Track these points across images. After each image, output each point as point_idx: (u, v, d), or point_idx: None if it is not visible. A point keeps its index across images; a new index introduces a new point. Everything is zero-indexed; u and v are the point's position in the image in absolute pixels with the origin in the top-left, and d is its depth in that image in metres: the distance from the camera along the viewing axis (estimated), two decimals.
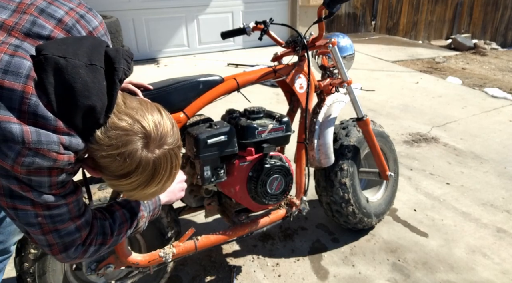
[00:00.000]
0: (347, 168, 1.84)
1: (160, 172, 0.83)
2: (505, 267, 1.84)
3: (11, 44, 0.74)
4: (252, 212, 1.64)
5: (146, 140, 0.79)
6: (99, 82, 0.77)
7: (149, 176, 0.82)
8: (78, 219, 0.87)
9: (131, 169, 0.79)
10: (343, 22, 7.54)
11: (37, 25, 0.79)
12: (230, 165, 1.48)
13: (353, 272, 1.81)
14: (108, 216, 1.00)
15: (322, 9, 1.59)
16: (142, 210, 1.08)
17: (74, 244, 0.88)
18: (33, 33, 0.78)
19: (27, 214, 0.80)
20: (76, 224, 0.87)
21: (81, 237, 0.89)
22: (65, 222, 0.85)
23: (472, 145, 3.15)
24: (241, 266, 1.84)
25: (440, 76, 5.16)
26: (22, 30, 0.77)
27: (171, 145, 0.83)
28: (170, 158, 0.84)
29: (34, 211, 0.80)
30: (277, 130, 1.53)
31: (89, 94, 0.75)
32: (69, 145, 0.76)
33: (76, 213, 0.87)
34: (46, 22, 0.80)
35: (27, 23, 0.78)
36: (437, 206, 2.34)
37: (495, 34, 9.43)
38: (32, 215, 0.80)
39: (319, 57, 1.88)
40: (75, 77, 0.74)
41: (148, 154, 0.80)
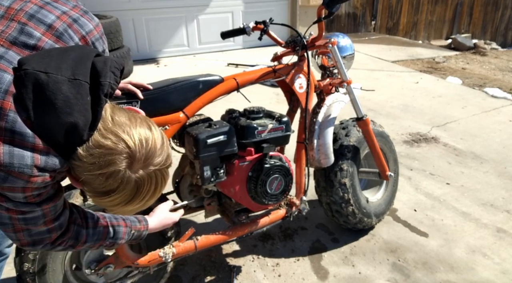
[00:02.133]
0: (347, 168, 1.83)
1: (143, 192, 0.81)
2: (505, 267, 1.84)
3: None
4: (252, 212, 1.64)
5: (130, 161, 0.77)
6: (83, 97, 0.73)
7: (131, 195, 0.80)
8: (51, 223, 0.86)
9: (112, 188, 0.78)
10: (343, 22, 7.54)
11: (25, 33, 0.77)
12: (230, 165, 1.48)
13: (353, 272, 1.81)
14: (91, 225, 0.99)
15: (321, 9, 1.59)
16: (125, 237, 1.09)
17: (43, 242, 0.88)
18: (20, 42, 0.76)
19: (1, 215, 0.79)
20: (48, 227, 0.86)
21: (51, 238, 0.89)
22: (38, 224, 0.84)
23: (472, 145, 3.15)
24: (241, 266, 1.84)
25: (440, 76, 5.16)
26: (8, 38, 0.75)
27: (157, 165, 0.81)
28: (156, 178, 0.82)
29: (8, 215, 0.79)
30: (277, 130, 1.53)
31: (70, 111, 0.71)
32: (45, 166, 0.74)
33: (51, 217, 0.86)
34: (35, 28, 0.78)
35: (14, 31, 0.76)
36: (437, 206, 2.34)
37: (495, 34, 9.43)
38: (6, 217, 0.79)
39: (319, 57, 1.88)
40: (56, 93, 0.70)
41: (131, 175, 0.78)
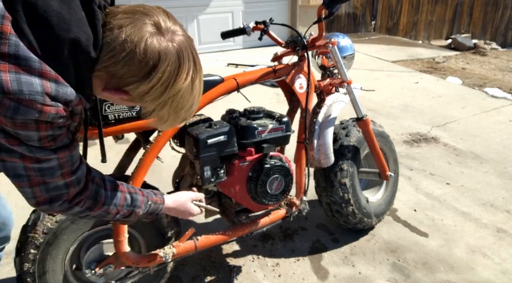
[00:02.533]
0: (347, 168, 1.83)
1: (184, 61, 0.78)
2: (505, 267, 1.84)
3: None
4: (252, 212, 1.64)
5: (157, 27, 0.76)
6: (76, 12, 0.71)
7: (175, 66, 0.77)
8: (69, 176, 0.83)
9: (154, 62, 0.75)
10: (343, 22, 7.54)
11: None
12: (230, 165, 1.48)
13: (353, 272, 1.81)
14: (109, 188, 0.96)
15: (322, 9, 1.59)
16: (142, 206, 1.05)
17: (61, 199, 0.85)
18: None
19: (15, 166, 0.76)
20: (66, 181, 0.83)
21: (69, 194, 0.85)
22: (55, 176, 0.80)
23: (472, 145, 3.15)
24: (241, 266, 1.84)
25: (440, 76, 5.16)
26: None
27: (184, 35, 0.80)
28: (189, 47, 0.80)
29: (23, 164, 0.76)
30: (277, 130, 1.53)
31: (68, 27, 0.69)
32: (56, 95, 0.70)
33: (68, 169, 0.82)
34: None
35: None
36: (437, 206, 2.34)
37: (495, 34, 9.43)
38: (21, 167, 0.76)
39: (319, 57, 1.88)
40: (48, 11, 0.68)
41: (164, 41, 0.76)
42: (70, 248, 1.38)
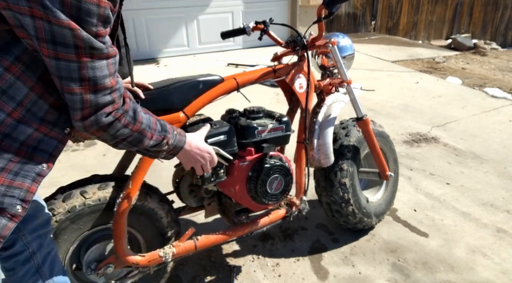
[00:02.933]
0: (347, 168, 1.84)
1: None
2: (505, 267, 1.84)
3: None
4: (252, 212, 1.64)
5: None
6: None
7: None
8: (115, 83, 0.85)
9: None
10: (343, 22, 7.55)
11: None
12: (230, 165, 1.48)
13: (353, 272, 1.81)
14: (142, 110, 0.98)
15: (321, 9, 1.59)
16: (171, 132, 1.04)
17: (106, 109, 0.86)
18: None
19: (69, 66, 0.77)
20: (112, 88, 0.85)
21: (113, 105, 0.87)
22: (104, 80, 0.82)
23: (472, 145, 3.15)
24: (241, 266, 1.84)
25: (440, 76, 5.16)
26: None
27: None
28: None
29: (78, 62, 0.77)
30: (277, 130, 1.53)
31: None
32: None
33: (114, 74, 0.85)
34: None
35: None
36: (437, 206, 2.34)
37: (495, 34, 9.43)
38: (75, 67, 0.78)
39: (319, 57, 1.88)
40: None
41: None
42: (70, 248, 1.38)
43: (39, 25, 0.73)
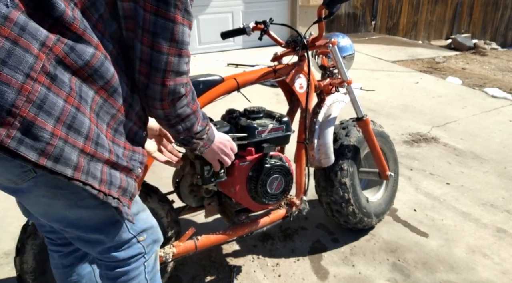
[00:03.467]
0: (347, 168, 1.83)
1: None
2: (505, 267, 1.84)
3: None
4: (252, 212, 1.64)
5: None
6: None
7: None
8: (189, 54, 0.89)
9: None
10: (343, 22, 7.55)
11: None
12: (230, 165, 1.48)
13: (353, 272, 1.81)
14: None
15: (322, 9, 1.59)
16: (208, 122, 1.07)
17: (183, 79, 0.89)
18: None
19: (165, 23, 0.80)
20: (189, 58, 0.89)
21: (187, 77, 0.91)
22: (187, 47, 0.86)
23: (472, 145, 3.15)
24: (241, 266, 1.84)
25: (440, 76, 5.16)
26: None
27: None
28: None
29: (173, 21, 0.81)
30: (277, 130, 1.53)
31: None
32: None
33: (188, 44, 0.89)
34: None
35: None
36: (437, 206, 2.34)
37: (495, 34, 9.43)
38: (170, 26, 0.81)
39: (319, 57, 1.88)
40: None
41: None
42: None
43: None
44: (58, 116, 0.72)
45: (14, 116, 0.66)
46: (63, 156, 0.72)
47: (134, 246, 0.98)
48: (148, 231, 1.02)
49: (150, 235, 1.03)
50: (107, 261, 0.98)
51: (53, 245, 1.12)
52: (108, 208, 0.87)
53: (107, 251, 0.95)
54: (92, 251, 0.97)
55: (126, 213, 0.87)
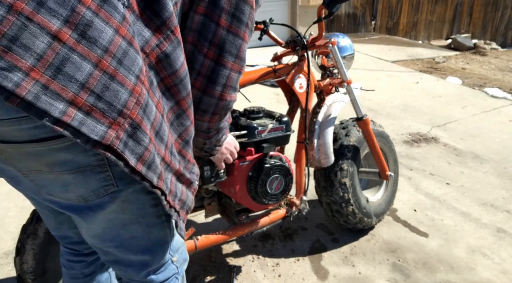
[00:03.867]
0: (347, 168, 1.84)
1: None
2: (505, 267, 1.84)
3: None
4: (252, 212, 1.64)
5: None
6: None
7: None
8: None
9: None
10: (343, 22, 7.55)
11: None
12: (230, 165, 1.48)
13: (353, 272, 1.81)
14: None
15: (322, 9, 1.59)
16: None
17: (236, 94, 0.92)
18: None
19: (235, 40, 0.83)
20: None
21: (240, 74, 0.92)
22: (245, 65, 0.90)
23: (472, 145, 3.15)
24: (241, 266, 1.84)
25: (440, 76, 5.16)
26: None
27: None
28: None
29: (243, 39, 0.84)
30: (277, 130, 1.53)
31: None
32: None
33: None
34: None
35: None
36: (437, 206, 2.34)
37: (495, 34, 9.43)
38: (239, 43, 0.84)
39: (319, 57, 1.88)
40: None
41: None
42: None
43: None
44: (152, 122, 0.71)
45: (125, 117, 0.64)
46: (154, 163, 0.71)
47: (169, 267, 0.96)
48: (179, 251, 0.99)
49: (180, 255, 1.00)
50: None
51: (77, 255, 1.09)
52: (164, 228, 0.86)
53: (147, 274, 0.92)
54: (129, 274, 0.94)
55: (180, 228, 0.84)
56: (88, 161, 0.68)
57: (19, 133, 0.62)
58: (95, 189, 0.72)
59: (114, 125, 0.63)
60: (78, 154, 0.66)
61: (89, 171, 0.69)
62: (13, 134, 0.63)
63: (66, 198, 0.74)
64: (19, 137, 0.63)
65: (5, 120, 0.61)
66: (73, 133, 0.59)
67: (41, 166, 0.68)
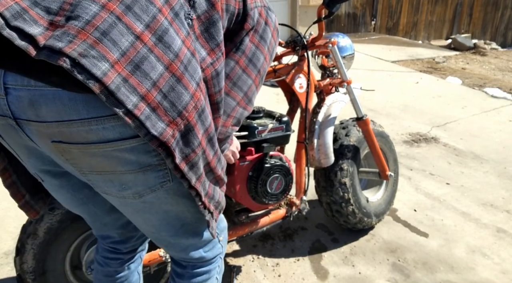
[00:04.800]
0: (347, 168, 1.84)
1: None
2: (505, 267, 1.84)
3: None
4: (252, 211, 1.64)
5: None
6: None
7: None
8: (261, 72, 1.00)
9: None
10: (343, 22, 7.55)
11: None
12: (230, 164, 1.48)
13: (353, 272, 1.81)
14: None
15: (322, 9, 1.59)
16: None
17: (251, 107, 0.99)
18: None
19: (260, 56, 0.93)
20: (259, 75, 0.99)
21: (252, 108, 1.01)
22: (263, 82, 1.00)
23: (472, 145, 3.15)
24: (241, 266, 1.84)
25: (440, 76, 5.17)
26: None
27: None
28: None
29: (264, 57, 0.94)
30: (277, 130, 1.53)
31: None
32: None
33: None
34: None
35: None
36: (437, 206, 2.34)
37: (495, 34, 9.44)
38: (262, 58, 0.94)
39: (319, 57, 1.88)
40: None
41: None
42: (70, 248, 1.38)
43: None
44: (207, 128, 0.76)
45: (183, 118, 0.69)
46: (197, 165, 0.76)
47: (217, 246, 1.02)
48: (224, 231, 1.06)
49: (225, 235, 1.07)
50: (195, 261, 1.00)
51: (115, 253, 1.12)
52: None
53: (197, 253, 0.99)
54: (180, 255, 1.00)
55: (212, 227, 0.88)
56: (150, 161, 0.72)
57: (87, 134, 0.66)
58: (152, 185, 0.77)
59: (172, 124, 0.68)
60: (141, 155, 0.71)
61: (150, 170, 0.74)
62: (80, 135, 0.67)
63: (122, 196, 0.78)
64: (86, 138, 0.67)
65: (75, 121, 0.65)
66: (138, 125, 0.64)
67: (104, 167, 0.72)
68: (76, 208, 0.98)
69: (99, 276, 1.14)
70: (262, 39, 0.93)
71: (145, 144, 0.70)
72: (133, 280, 1.17)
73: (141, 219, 0.88)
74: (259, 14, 0.91)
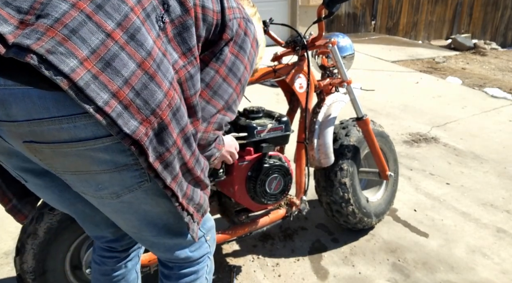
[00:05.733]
0: (347, 168, 1.83)
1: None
2: (505, 267, 1.84)
3: None
4: (252, 211, 1.64)
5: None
6: None
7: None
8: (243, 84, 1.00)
9: None
10: (343, 22, 7.55)
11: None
12: (229, 164, 1.48)
13: (353, 272, 1.81)
14: None
15: (321, 9, 1.59)
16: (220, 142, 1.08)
17: (232, 115, 0.98)
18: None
19: (240, 66, 0.93)
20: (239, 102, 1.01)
21: (234, 116, 1.00)
22: (243, 92, 1.00)
23: (472, 145, 3.15)
24: (241, 266, 1.84)
25: (440, 76, 5.16)
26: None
27: None
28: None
29: (244, 67, 0.94)
30: (276, 130, 1.53)
31: None
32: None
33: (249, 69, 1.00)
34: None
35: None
36: (437, 206, 2.34)
37: (495, 34, 9.43)
38: (243, 68, 0.94)
39: (319, 57, 1.88)
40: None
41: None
42: (70, 247, 1.38)
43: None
44: (183, 128, 0.76)
45: (156, 116, 0.69)
46: (172, 164, 0.75)
47: (203, 245, 1.02)
48: (211, 231, 1.05)
49: (212, 235, 1.06)
50: (182, 262, 1.00)
51: (111, 251, 1.12)
52: None
53: (183, 253, 0.98)
54: (166, 256, 0.99)
55: (192, 230, 0.87)
56: (125, 161, 0.72)
57: (58, 133, 0.66)
58: (129, 185, 0.76)
59: (145, 122, 0.67)
60: (116, 154, 0.70)
61: (126, 170, 0.73)
62: (52, 134, 0.66)
63: (99, 196, 0.78)
64: (58, 137, 0.67)
65: (46, 119, 0.64)
66: (109, 123, 0.63)
67: (78, 166, 0.71)
68: (65, 209, 0.97)
69: (97, 275, 1.14)
70: (241, 49, 0.93)
71: (119, 143, 0.69)
72: (131, 278, 1.17)
73: (121, 219, 0.87)
74: (238, 25, 0.91)
